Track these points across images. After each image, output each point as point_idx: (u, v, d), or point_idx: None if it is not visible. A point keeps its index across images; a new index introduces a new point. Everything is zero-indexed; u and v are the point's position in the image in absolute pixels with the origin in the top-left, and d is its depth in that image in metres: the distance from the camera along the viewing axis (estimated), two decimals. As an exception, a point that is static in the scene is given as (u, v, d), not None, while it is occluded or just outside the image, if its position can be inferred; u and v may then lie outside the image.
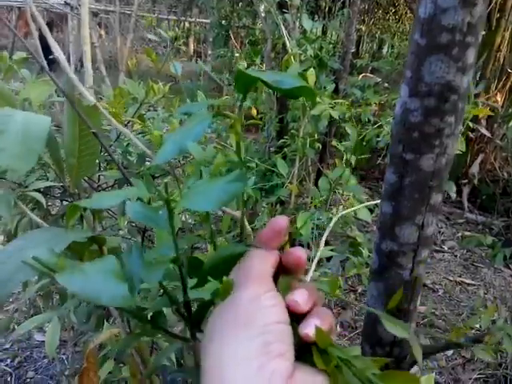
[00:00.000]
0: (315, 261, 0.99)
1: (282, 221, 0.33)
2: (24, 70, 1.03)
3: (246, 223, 0.47)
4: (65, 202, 1.02)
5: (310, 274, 0.99)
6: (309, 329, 0.28)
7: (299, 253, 0.33)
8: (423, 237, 0.32)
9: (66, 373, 1.45)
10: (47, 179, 0.92)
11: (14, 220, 0.79)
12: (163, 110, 1.18)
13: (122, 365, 0.94)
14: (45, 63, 1.06)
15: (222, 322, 0.29)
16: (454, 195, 1.15)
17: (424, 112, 0.29)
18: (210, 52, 4.91)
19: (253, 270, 0.31)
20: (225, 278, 0.32)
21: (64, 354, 1.59)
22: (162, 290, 0.38)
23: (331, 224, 1.00)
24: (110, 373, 0.89)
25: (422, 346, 0.33)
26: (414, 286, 0.33)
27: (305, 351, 0.29)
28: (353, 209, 1.57)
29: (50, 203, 1.08)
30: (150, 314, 0.40)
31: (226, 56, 3.25)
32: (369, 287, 0.35)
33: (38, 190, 0.91)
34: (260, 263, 0.32)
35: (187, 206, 0.30)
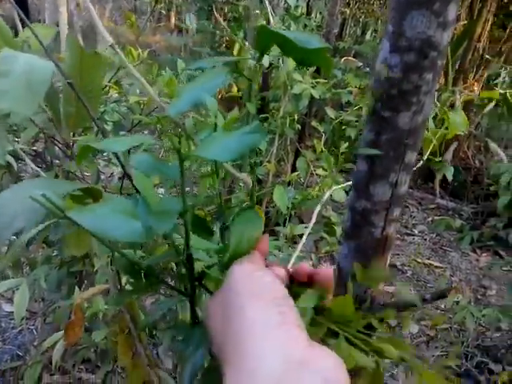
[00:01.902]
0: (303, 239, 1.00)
1: (264, 239, 0.36)
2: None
3: (250, 182, 0.48)
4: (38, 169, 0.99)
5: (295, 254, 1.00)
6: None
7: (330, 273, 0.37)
8: (396, 195, 0.33)
9: (35, 343, 1.43)
10: (18, 143, 0.90)
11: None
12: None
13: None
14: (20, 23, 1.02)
15: (232, 296, 0.30)
16: (450, 178, 1.19)
17: (403, 68, 0.29)
18: (191, 26, 4.80)
19: (246, 258, 0.33)
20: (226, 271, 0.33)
21: (33, 324, 1.56)
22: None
23: (325, 197, 1.01)
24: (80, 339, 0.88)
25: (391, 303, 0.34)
26: (384, 244, 0.34)
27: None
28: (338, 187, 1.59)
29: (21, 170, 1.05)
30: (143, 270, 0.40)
31: (208, 31, 3.19)
32: (341, 247, 0.36)
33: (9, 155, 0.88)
34: (255, 254, 0.34)
35: (203, 155, 0.29)
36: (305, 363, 0.25)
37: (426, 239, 2.61)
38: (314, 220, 1.19)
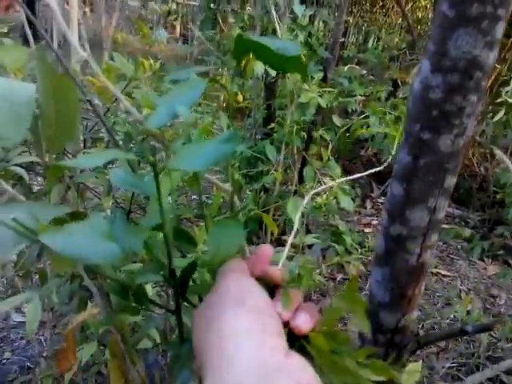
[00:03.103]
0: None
1: (269, 250, 0.35)
2: (7, 40, 0.98)
3: (236, 199, 0.47)
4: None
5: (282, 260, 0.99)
6: (300, 321, 0.31)
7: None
8: (434, 221, 0.32)
9: (44, 354, 1.42)
10: (30, 155, 0.89)
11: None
12: (150, 89, 1.14)
13: (102, 347, 0.93)
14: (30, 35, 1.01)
15: (214, 304, 0.30)
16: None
17: (446, 89, 0.28)
18: (196, 35, 4.82)
19: (233, 267, 0.33)
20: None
21: (42, 335, 1.55)
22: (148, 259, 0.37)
23: (305, 202, 1.00)
24: (91, 356, 0.87)
25: (427, 334, 0.32)
26: (420, 271, 0.32)
27: (289, 339, 0.30)
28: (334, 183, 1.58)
29: (32, 181, 1.04)
30: (132, 291, 0.39)
31: (213, 39, 3.20)
32: (372, 272, 0.34)
33: (20, 166, 0.88)
34: (238, 265, 0.34)
35: (176, 166, 0.29)
36: (280, 371, 0.25)
37: (432, 247, 2.59)
38: (296, 226, 1.18)
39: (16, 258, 0.95)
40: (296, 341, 0.31)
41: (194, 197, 2.03)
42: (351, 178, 1.10)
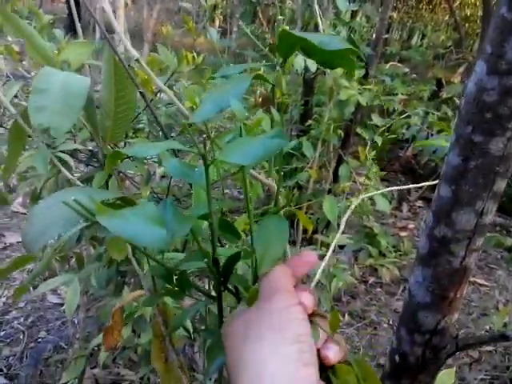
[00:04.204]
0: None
1: (313, 257, 0.36)
2: (57, 30, 1.02)
3: (274, 187, 0.47)
4: (90, 168, 1.01)
5: (326, 260, 0.98)
6: (330, 353, 0.32)
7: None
8: (480, 224, 0.31)
9: (77, 336, 1.47)
10: (74, 142, 0.92)
11: (41, 180, 0.79)
12: (189, 82, 1.16)
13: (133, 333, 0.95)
14: (78, 26, 1.05)
15: (255, 323, 0.31)
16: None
17: (501, 91, 0.27)
18: (235, 29, 4.84)
19: (280, 283, 0.33)
20: (252, 287, 0.35)
21: (75, 317, 1.62)
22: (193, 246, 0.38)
23: (352, 206, 0.98)
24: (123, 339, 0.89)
25: (466, 337, 0.31)
26: (463, 275, 0.31)
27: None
28: (369, 194, 1.55)
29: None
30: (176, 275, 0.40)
31: (253, 34, 3.20)
32: (413, 272, 0.34)
33: (65, 153, 0.91)
34: (285, 277, 0.34)
35: (225, 158, 0.30)
36: None
37: (470, 254, 2.50)
38: (342, 228, 1.16)
39: (55, 241, 0.99)
40: (323, 371, 0.31)
41: (226, 191, 2.04)
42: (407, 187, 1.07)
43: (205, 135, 0.31)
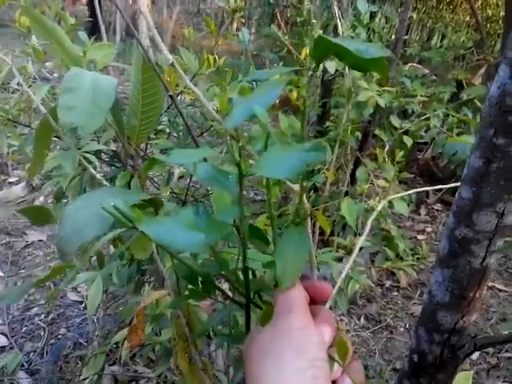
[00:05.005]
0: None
1: (329, 290, 0.37)
2: (82, 33, 1.04)
3: (305, 200, 0.46)
4: (113, 168, 1.04)
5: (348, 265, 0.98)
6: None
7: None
8: (501, 225, 0.31)
9: (96, 333, 1.50)
10: (98, 143, 0.94)
11: (66, 179, 0.81)
12: (209, 84, 1.17)
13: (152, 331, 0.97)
14: (103, 28, 1.07)
15: (276, 342, 0.31)
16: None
17: (524, 95, 0.28)
18: (253, 30, 4.86)
19: (296, 302, 0.33)
20: (266, 305, 0.34)
21: (94, 315, 1.65)
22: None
23: (378, 208, 0.97)
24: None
25: (484, 337, 0.32)
26: (483, 275, 0.32)
27: None
28: (391, 197, 1.54)
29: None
30: (201, 279, 0.41)
31: (271, 36, 3.21)
32: (433, 272, 0.34)
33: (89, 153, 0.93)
34: (301, 297, 0.34)
35: (261, 172, 0.29)
36: None
37: (490, 259, 2.46)
38: (366, 231, 1.15)
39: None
40: None
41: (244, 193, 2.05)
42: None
43: (232, 138, 0.32)
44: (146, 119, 0.51)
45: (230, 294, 0.42)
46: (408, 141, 1.87)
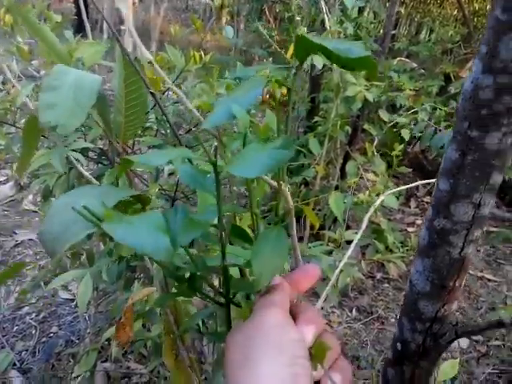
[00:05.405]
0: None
1: (315, 269, 0.35)
2: (67, 32, 1.03)
3: (288, 195, 0.46)
4: (100, 165, 1.03)
5: (344, 259, 0.99)
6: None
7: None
8: (478, 216, 0.32)
9: (88, 330, 1.50)
10: (85, 141, 0.94)
11: (53, 177, 0.81)
12: (196, 80, 1.17)
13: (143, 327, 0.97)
14: (88, 26, 1.06)
15: (251, 342, 0.30)
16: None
17: (496, 89, 0.28)
18: (242, 26, 4.84)
19: (273, 299, 0.33)
20: (245, 304, 0.34)
21: (85, 312, 1.64)
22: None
23: (377, 203, 0.98)
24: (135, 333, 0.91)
25: (465, 325, 0.33)
26: (461, 265, 0.33)
27: None
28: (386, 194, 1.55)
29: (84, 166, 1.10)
30: (188, 275, 0.41)
31: (260, 31, 3.21)
32: (414, 262, 0.35)
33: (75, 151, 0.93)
34: (281, 294, 0.34)
35: (233, 171, 0.29)
36: None
37: (479, 250, 2.50)
38: (364, 226, 1.17)
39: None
40: None
41: (234, 188, 2.05)
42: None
43: (211, 136, 0.32)
44: (132, 115, 0.51)
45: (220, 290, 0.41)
46: (406, 134, 1.88)
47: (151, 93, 0.47)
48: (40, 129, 0.60)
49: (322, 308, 1.87)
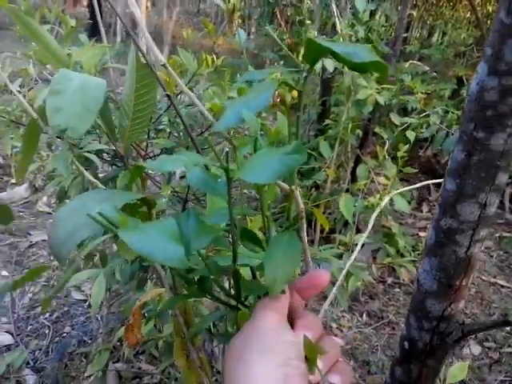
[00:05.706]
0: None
1: (323, 277, 0.35)
2: (82, 35, 1.05)
3: (299, 199, 0.47)
4: (114, 167, 1.05)
5: (350, 261, 0.99)
6: None
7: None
8: (484, 216, 0.32)
9: (100, 331, 1.52)
10: (99, 143, 0.96)
11: (68, 179, 0.82)
12: (208, 84, 1.18)
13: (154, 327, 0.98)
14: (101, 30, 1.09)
15: (247, 345, 0.31)
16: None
17: (501, 91, 0.29)
18: (253, 30, 4.87)
19: (271, 304, 0.33)
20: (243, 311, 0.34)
21: (98, 313, 1.66)
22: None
23: (382, 204, 0.98)
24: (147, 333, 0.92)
25: (470, 323, 0.33)
26: (468, 264, 0.33)
27: None
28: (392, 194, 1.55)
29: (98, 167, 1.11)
30: (197, 277, 0.41)
31: (270, 35, 3.22)
32: (422, 262, 0.35)
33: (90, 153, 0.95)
34: (281, 301, 0.34)
35: (244, 177, 0.29)
36: None
37: (492, 256, 2.47)
38: (369, 228, 1.16)
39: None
40: None
41: (245, 191, 2.06)
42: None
43: (225, 139, 0.32)
44: (138, 119, 0.51)
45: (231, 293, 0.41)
46: (411, 135, 1.87)
47: (167, 95, 0.49)
48: (40, 131, 0.61)
49: (331, 312, 1.86)
